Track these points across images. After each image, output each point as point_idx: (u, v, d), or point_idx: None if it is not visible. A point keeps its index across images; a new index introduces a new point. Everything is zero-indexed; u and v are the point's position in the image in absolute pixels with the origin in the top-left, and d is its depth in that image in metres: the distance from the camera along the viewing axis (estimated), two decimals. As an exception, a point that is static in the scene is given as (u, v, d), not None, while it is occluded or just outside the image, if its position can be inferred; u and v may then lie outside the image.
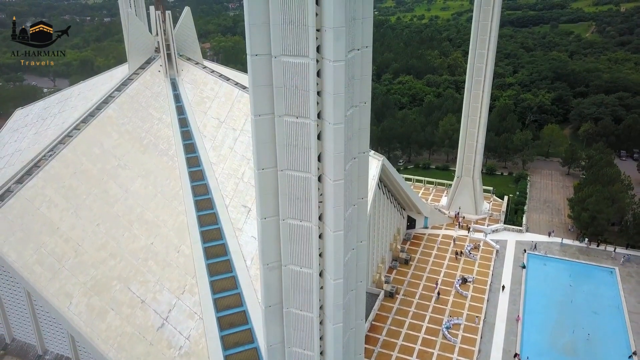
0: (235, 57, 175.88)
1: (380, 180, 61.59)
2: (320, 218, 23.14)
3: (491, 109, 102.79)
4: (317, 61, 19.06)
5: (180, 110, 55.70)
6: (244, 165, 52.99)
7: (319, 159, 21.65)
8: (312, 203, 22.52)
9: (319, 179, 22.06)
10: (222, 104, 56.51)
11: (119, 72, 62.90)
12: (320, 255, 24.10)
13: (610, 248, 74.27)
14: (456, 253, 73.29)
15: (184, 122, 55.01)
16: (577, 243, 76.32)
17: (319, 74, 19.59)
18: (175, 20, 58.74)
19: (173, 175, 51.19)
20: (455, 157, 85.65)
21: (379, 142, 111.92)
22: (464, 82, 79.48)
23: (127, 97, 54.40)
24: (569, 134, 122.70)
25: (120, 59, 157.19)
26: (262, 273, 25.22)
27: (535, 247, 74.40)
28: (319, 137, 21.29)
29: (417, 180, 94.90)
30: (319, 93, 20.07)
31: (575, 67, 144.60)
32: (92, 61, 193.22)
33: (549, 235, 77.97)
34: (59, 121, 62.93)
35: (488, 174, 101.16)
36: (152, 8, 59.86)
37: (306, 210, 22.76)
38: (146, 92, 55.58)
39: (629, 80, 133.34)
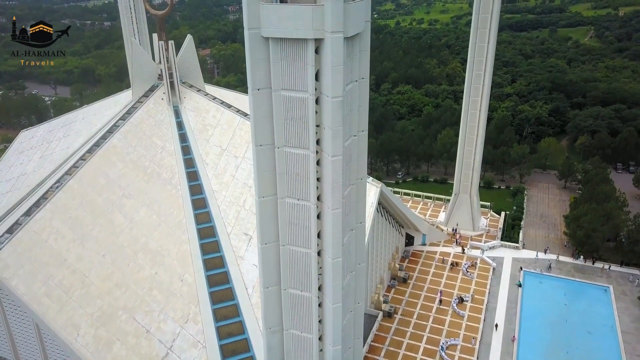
0: (235, 66, 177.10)
1: (379, 203, 62.83)
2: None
3: (489, 120, 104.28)
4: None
5: (183, 137, 56.96)
6: (246, 192, 54.24)
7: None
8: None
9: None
10: (224, 132, 57.79)
11: (123, 98, 64.14)
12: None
13: (605, 265, 75.65)
14: (451, 264, 75.42)
15: (186, 150, 56.24)
16: (572, 260, 77.68)
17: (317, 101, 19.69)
18: (177, 46, 59.92)
19: (176, 204, 52.45)
20: (453, 170, 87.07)
21: (377, 155, 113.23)
22: (462, 91, 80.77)
23: (131, 126, 55.66)
24: (566, 146, 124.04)
25: (121, 66, 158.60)
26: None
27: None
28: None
29: (416, 195, 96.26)
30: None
31: (573, 77, 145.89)
32: (93, 69, 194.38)
33: (545, 253, 79.30)
34: (64, 145, 64.19)
35: (486, 187, 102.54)
36: (155, 36, 61.11)
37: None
38: (150, 121, 56.86)
39: (626, 91, 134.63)
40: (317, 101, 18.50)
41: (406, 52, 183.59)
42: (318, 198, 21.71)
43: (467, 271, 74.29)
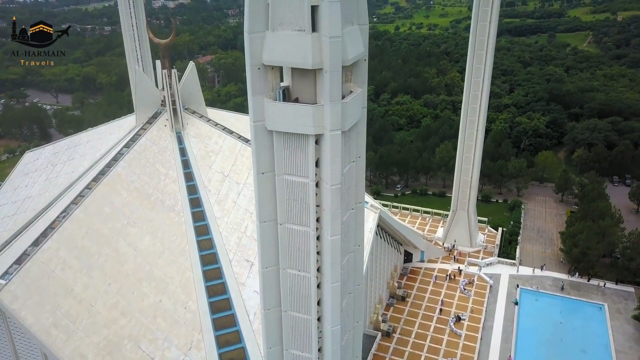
0: (235, 75, 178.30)
1: (378, 225, 64.07)
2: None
3: (487, 131, 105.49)
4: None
5: (186, 164, 58.20)
6: (247, 219, 55.50)
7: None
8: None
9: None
10: (226, 158, 59.06)
11: (127, 123, 65.39)
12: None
13: (600, 283, 76.90)
14: (447, 276, 77.68)
15: (189, 176, 57.48)
16: (568, 277, 78.90)
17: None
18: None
19: (180, 231, 53.70)
20: (451, 183, 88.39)
21: (377, 168, 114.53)
22: (461, 102, 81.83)
23: (135, 153, 56.92)
24: (563, 158, 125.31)
25: (122, 75, 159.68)
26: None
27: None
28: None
29: (414, 210, 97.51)
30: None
31: (571, 87, 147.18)
32: (94, 77, 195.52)
33: (542, 269, 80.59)
34: (69, 169, 65.49)
35: (484, 201, 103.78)
36: (157, 62, 62.36)
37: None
38: (153, 148, 58.11)
39: (622, 102, 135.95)
40: (317, 184, 19.72)
41: (405, 61, 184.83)
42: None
43: (465, 289, 75.56)
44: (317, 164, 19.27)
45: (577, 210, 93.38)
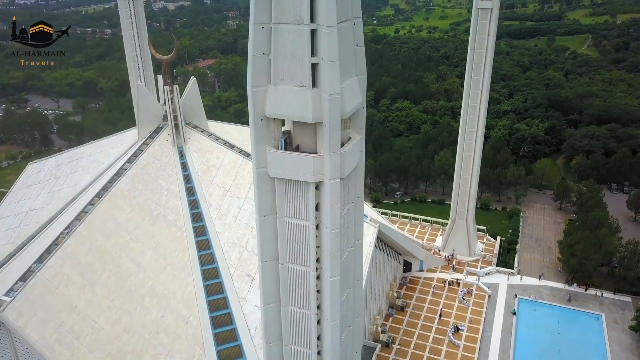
0: (236, 80, 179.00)
1: (377, 237, 64.77)
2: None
3: (486, 138, 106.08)
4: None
5: (188, 179, 58.95)
6: (248, 233, 56.22)
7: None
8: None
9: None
10: (227, 172, 59.78)
11: (129, 137, 66.13)
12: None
13: (598, 292, 77.59)
14: (445, 282, 78.96)
15: (191, 191, 58.25)
16: (565, 286, 79.62)
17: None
18: (181, 90, 61.90)
19: (181, 246, 54.45)
20: (450, 190, 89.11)
21: (376, 175, 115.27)
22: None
23: (137, 169, 57.65)
24: (562, 164, 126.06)
25: (123, 80, 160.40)
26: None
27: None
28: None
29: (414, 219, 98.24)
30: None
31: (569, 94, 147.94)
32: (95, 82, 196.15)
33: (539, 279, 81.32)
34: (72, 182, 66.25)
35: (482, 208, 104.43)
36: (159, 77, 63.06)
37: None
38: (155, 163, 58.84)
39: (620, 109, 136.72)
40: (317, 227, 20.47)
41: (405, 66, 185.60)
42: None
43: (463, 299, 76.29)
44: (317, 208, 20.00)
45: (575, 219, 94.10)
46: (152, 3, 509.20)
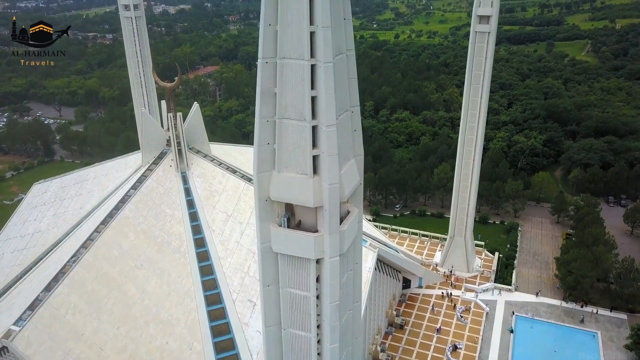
0: (237, 89, 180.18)
1: (377, 258, 65.98)
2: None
3: (485, 150, 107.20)
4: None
5: (191, 204, 60.21)
6: (250, 259, 57.44)
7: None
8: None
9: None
10: (229, 198, 61.04)
11: (133, 160, 67.44)
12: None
13: (594, 310, 78.75)
14: (444, 294, 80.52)
15: (194, 216, 59.50)
16: (561, 304, 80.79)
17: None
18: (185, 117, 63.16)
19: (185, 272, 55.70)
20: (449, 203, 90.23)
21: (376, 188, 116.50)
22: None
23: (142, 195, 58.93)
24: (560, 176, 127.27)
25: (124, 89, 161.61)
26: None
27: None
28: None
29: (413, 233, 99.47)
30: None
31: (567, 104, 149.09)
32: (97, 91, 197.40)
33: (537, 296, 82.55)
34: (77, 205, 67.57)
35: (481, 222, 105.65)
36: (163, 102, 64.34)
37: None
38: (159, 189, 60.12)
39: (619, 120, 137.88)
40: (317, 296, 21.75)
41: (404, 75, 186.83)
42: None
43: (462, 316, 77.51)
44: (317, 279, 21.28)
45: (573, 234, 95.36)
46: (153, 6, 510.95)
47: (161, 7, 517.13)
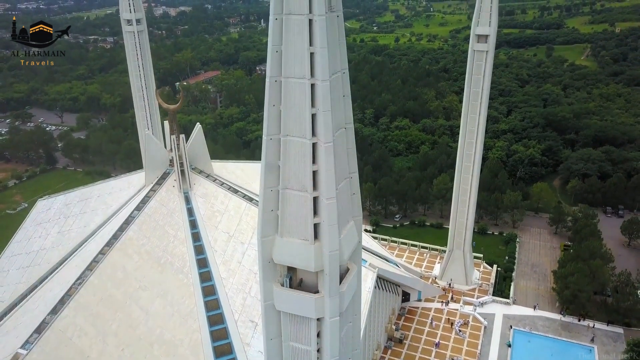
0: (238, 96, 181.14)
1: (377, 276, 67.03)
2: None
3: (484, 159, 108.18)
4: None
5: (193, 224, 61.27)
6: (251, 279, 58.52)
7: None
8: None
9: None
10: (231, 218, 62.11)
11: (136, 179, 68.50)
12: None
13: (590, 324, 79.78)
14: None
15: (196, 237, 60.55)
16: (561, 317, 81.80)
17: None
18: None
19: (188, 293, 56.76)
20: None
21: (376, 198, 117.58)
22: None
23: (145, 216, 60.00)
24: (558, 186, 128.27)
25: (126, 97, 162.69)
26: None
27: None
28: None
29: (412, 245, 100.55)
30: None
31: (566, 112, 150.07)
32: (98, 97, 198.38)
33: (534, 309, 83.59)
34: (81, 223, 68.64)
35: (480, 233, 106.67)
36: (166, 122, 65.42)
37: None
38: (162, 210, 61.19)
39: (617, 129, 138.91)
40: (318, 350, 22.83)
41: (404, 81, 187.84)
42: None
43: (460, 330, 78.59)
44: (318, 334, 22.36)
45: (570, 246, 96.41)
46: (154, 8, 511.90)
47: (161, 9, 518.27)
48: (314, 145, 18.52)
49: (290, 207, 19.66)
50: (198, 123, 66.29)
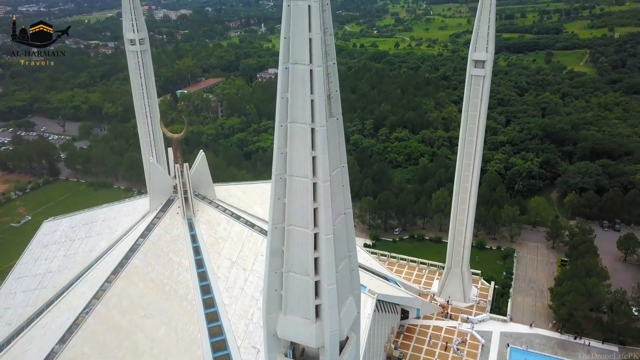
0: (239, 106, 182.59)
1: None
2: None
3: (483, 171, 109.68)
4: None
5: (197, 251, 62.77)
6: (253, 305, 59.99)
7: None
8: None
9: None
10: (233, 244, 63.60)
11: (141, 204, 70.00)
12: None
13: (586, 341, 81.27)
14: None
15: (200, 263, 62.06)
16: (557, 335, 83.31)
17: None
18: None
19: (192, 319, 58.24)
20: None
21: (375, 212, 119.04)
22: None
23: (150, 244, 61.51)
24: (556, 199, 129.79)
25: (127, 106, 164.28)
26: None
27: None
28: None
29: (411, 261, 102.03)
30: None
31: (564, 124, 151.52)
32: (100, 106, 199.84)
33: (530, 327, 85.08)
34: (86, 247, 70.17)
35: (478, 247, 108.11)
36: (170, 150, 66.86)
37: None
38: (167, 237, 62.70)
39: (614, 142, 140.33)
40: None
41: (404, 91, 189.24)
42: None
43: (458, 349, 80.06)
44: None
45: (567, 263, 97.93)
46: (154, 11, 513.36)
47: (162, 12, 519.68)
48: (315, 234, 20.00)
49: (293, 289, 21.12)
50: (202, 151, 67.74)
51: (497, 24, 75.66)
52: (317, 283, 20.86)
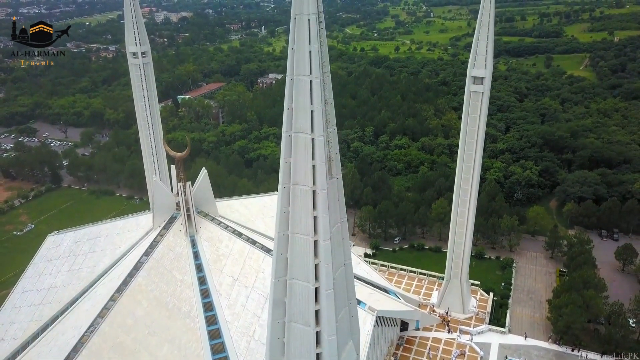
0: (240, 113, 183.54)
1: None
2: None
3: (482, 180, 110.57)
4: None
5: (199, 268, 63.77)
6: (255, 323, 60.95)
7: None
8: None
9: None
10: (235, 261, 64.57)
11: (144, 221, 70.98)
12: None
13: (583, 353, 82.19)
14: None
15: (202, 281, 63.06)
16: (555, 347, 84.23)
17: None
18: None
19: (195, 337, 59.23)
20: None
21: (375, 221, 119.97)
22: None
23: (153, 262, 62.49)
24: (555, 207, 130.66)
25: (129, 112, 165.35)
26: None
27: None
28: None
29: (411, 271, 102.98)
30: None
31: (563, 132, 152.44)
32: (102, 112, 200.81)
33: (525, 338, 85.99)
34: (90, 263, 71.17)
35: (477, 257, 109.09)
36: (172, 167, 67.83)
37: None
38: (170, 255, 63.68)
39: (613, 150, 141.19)
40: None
41: (404, 97, 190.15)
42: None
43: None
44: None
45: (565, 273, 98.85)
46: (155, 14, 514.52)
47: (163, 14, 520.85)
48: (316, 289, 20.97)
49: (295, 338, 22.06)
50: (204, 168, 68.69)
51: (497, 27, 76.39)
52: (318, 332, 21.84)
